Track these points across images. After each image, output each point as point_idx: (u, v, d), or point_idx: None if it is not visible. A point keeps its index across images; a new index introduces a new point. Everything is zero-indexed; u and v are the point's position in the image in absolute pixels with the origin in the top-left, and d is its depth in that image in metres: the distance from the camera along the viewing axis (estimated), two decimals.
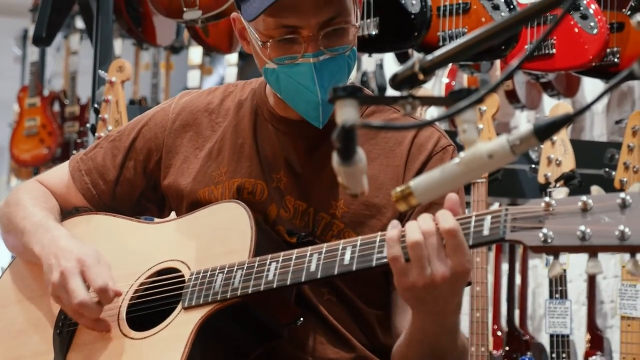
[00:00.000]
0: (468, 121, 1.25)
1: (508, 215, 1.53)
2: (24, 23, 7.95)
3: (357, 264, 1.70)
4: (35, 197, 2.11)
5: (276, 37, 1.86)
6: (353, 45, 1.89)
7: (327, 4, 1.83)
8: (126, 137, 2.10)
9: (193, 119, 2.06)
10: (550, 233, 1.45)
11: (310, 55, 1.85)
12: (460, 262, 1.59)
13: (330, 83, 1.87)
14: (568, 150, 3.07)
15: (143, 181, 2.09)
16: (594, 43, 3.10)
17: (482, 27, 1.23)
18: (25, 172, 7.24)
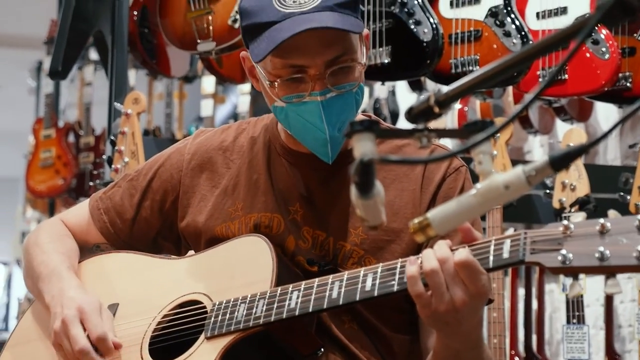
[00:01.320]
0: (484, 152, 1.26)
1: (527, 239, 1.56)
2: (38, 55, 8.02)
3: (378, 289, 1.72)
4: (55, 239, 2.15)
5: (284, 77, 1.88)
6: (360, 82, 1.91)
7: (333, 43, 1.86)
8: (143, 177, 2.14)
9: (208, 158, 2.10)
10: (569, 255, 1.48)
11: (317, 94, 1.87)
12: (477, 287, 1.62)
13: (338, 120, 1.90)
14: (582, 175, 3.08)
15: (159, 221, 2.13)
16: (606, 68, 3.11)
17: (496, 60, 1.24)
18: (41, 203, 7.28)
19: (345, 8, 1.88)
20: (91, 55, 6.16)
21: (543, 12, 3.20)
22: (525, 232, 1.56)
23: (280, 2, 1.86)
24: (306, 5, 1.85)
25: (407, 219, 1.94)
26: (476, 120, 1.25)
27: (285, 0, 1.86)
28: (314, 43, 1.84)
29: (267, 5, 1.87)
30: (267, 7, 1.87)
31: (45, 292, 2.03)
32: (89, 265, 2.14)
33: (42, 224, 2.25)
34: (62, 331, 1.93)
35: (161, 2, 3.42)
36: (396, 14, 3.15)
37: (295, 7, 1.85)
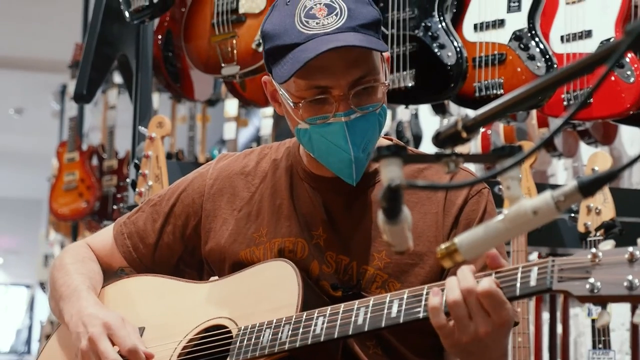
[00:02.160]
0: (512, 178, 1.26)
1: (555, 266, 1.55)
2: (62, 78, 8.08)
3: (404, 316, 1.71)
4: (77, 261, 2.16)
5: (308, 98, 1.88)
6: (383, 103, 1.92)
7: (356, 63, 1.86)
8: (166, 203, 2.15)
9: (230, 182, 2.10)
10: (598, 283, 1.47)
11: (341, 115, 1.87)
12: (500, 317, 1.62)
13: (362, 141, 1.90)
14: (608, 199, 3.06)
15: (181, 246, 2.13)
16: (631, 91, 3.10)
17: (523, 86, 1.24)
18: (64, 226, 7.31)
19: (368, 29, 1.88)
20: (115, 78, 6.20)
21: (567, 36, 3.19)
22: (553, 259, 1.55)
23: (303, 24, 1.87)
24: (329, 27, 1.86)
25: (430, 242, 1.94)
26: (504, 146, 1.24)
27: (309, 22, 1.87)
28: (338, 64, 1.85)
29: (290, 28, 1.88)
30: (290, 30, 1.87)
31: (65, 312, 2.04)
32: (112, 288, 2.15)
33: (67, 247, 2.27)
34: (91, 349, 1.93)
35: (185, 26, 3.43)
36: (420, 37, 3.16)
37: (318, 28, 1.86)
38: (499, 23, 3.16)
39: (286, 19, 1.89)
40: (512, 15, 3.15)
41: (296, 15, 1.88)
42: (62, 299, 2.07)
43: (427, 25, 3.16)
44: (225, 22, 3.28)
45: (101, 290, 2.14)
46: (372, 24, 1.89)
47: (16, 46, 9.22)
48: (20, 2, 8.20)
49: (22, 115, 11.33)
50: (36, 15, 8.41)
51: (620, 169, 1.17)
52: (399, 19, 3.21)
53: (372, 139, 1.92)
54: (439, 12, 3.17)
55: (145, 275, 2.15)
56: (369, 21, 1.89)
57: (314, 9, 1.88)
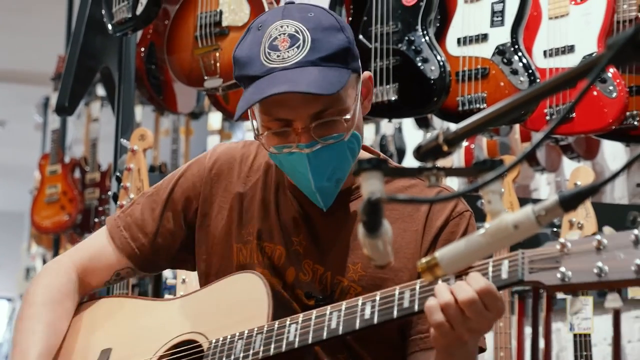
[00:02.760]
0: (493, 192, 1.25)
1: (525, 258, 1.57)
2: (45, 91, 8.05)
3: (378, 317, 1.72)
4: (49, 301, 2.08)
5: (272, 129, 1.88)
6: (349, 131, 1.89)
7: (315, 98, 1.84)
8: (164, 191, 2.11)
9: (228, 168, 2.07)
10: (568, 272, 1.49)
11: (303, 146, 1.87)
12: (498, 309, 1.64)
13: (326, 171, 1.89)
14: (590, 214, 3.06)
15: (183, 231, 2.08)
16: (613, 106, 3.10)
17: (505, 100, 1.24)
18: (46, 239, 7.27)
19: (331, 61, 1.86)
20: (98, 91, 6.19)
21: (550, 50, 3.20)
22: (523, 251, 1.57)
23: (266, 55, 1.85)
24: (289, 61, 1.84)
25: (407, 258, 1.94)
26: (485, 159, 1.24)
27: (270, 55, 1.85)
28: (295, 98, 1.83)
29: (255, 58, 1.87)
30: (254, 60, 1.86)
31: None
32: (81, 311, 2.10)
33: (46, 271, 2.15)
34: None
35: (168, 39, 3.42)
36: (403, 51, 3.16)
37: (278, 61, 1.84)
38: (482, 37, 3.17)
39: (254, 47, 1.88)
40: (495, 29, 3.16)
41: (262, 44, 1.87)
42: (16, 344, 2.01)
43: (411, 39, 3.17)
44: (208, 34, 3.27)
45: None
46: (336, 54, 1.87)
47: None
48: (2, 14, 8.18)
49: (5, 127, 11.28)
50: (19, 27, 8.39)
51: (602, 184, 1.17)
52: (382, 33, 3.21)
53: (341, 167, 1.91)
54: (423, 26, 3.18)
55: (110, 297, 2.14)
56: (333, 52, 1.86)
57: (277, 39, 1.86)
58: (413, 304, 1.69)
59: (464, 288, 1.62)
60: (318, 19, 1.89)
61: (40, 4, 7.88)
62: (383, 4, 3.23)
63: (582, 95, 1.07)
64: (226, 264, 2.02)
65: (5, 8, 8.05)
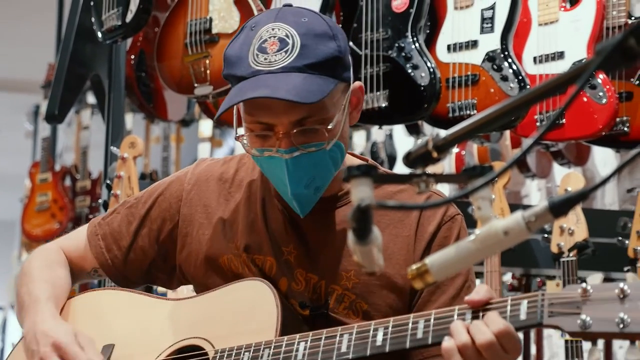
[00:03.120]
0: (483, 198, 1.25)
1: (545, 301, 1.54)
2: (36, 99, 8.03)
3: (390, 345, 1.69)
4: (44, 266, 2.11)
5: (255, 132, 1.88)
6: (335, 140, 1.88)
7: (297, 105, 1.83)
8: (142, 205, 2.11)
9: (207, 187, 2.07)
10: (589, 320, 1.47)
11: (283, 152, 1.86)
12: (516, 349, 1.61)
13: (304, 177, 1.88)
14: (580, 220, 3.07)
15: (155, 250, 2.10)
16: (603, 112, 3.11)
17: (495, 105, 1.24)
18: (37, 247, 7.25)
19: (317, 69, 1.85)
20: (88, 99, 6.18)
21: (540, 57, 3.21)
22: (543, 293, 1.54)
23: (254, 57, 1.85)
24: (275, 64, 1.84)
25: (399, 265, 1.93)
26: (475, 165, 1.24)
27: (258, 56, 1.85)
28: (278, 103, 1.82)
29: (244, 58, 1.87)
30: (243, 60, 1.86)
31: (24, 323, 2.01)
32: (82, 300, 2.09)
33: (37, 249, 2.21)
34: None
35: (159, 46, 3.42)
36: (394, 58, 3.17)
37: (264, 65, 1.84)
38: (472, 44, 3.18)
39: (244, 47, 1.88)
40: (485, 36, 3.17)
41: (252, 45, 1.86)
42: (23, 308, 2.04)
43: (401, 46, 3.17)
44: (198, 42, 3.27)
45: (71, 300, 2.09)
46: (324, 62, 1.85)
47: None
48: None
49: None
50: (8, 35, 8.37)
51: (591, 189, 1.17)
52: (372, 40, 3.21)
53: (321, 175, 1.90)
54: (413, 33, 3.18)
55: (116, 289, 2.11)
56: (321, 59, 1.85)
57: (267, 42, 1.86)
58: (427, 336, 1.66)
59: (482, 330, 1.60)
60: (311, 24, 1.88)
61: (30, 13, 7.86)
62: (373, 10, 3.24)
63: (571, 101, 1.07)
64: (217, 275, 2.01)
65: None
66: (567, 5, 3.25)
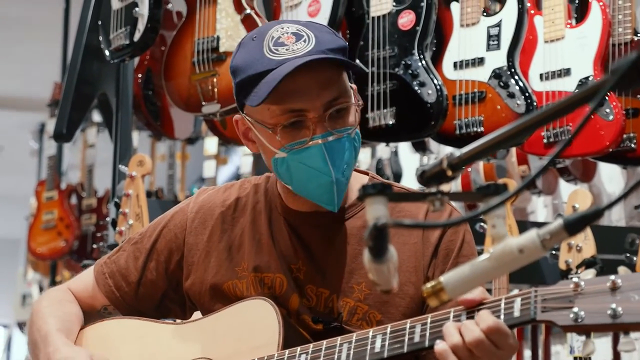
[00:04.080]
0: (498, 216, 1.26)
1: (538, 297, 1.56)
2: (41, 117, 8.06)
3: (388, 351, 1.71)
4: (53, 303, 2.14)
5: (283, 123, 1.89)
6: (356, 127, 1.93)
7: (329, 84, 1.87)
8: (147, 239, 2.13)
9: (210, 215, 2.09)
10: (582, 312, 1.48)
11: (319, 137, 1.88)
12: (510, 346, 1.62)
13: (341, 163, 1.90)
14: (588, 236, 3.06)
15: (165, 282, 2.11)
16: (610, 129, 3.12)
17: (508, 125, 1.24)
18: (43, 265, 7.25)
19: (337, 53, 1.90)
20: (94, 117, 6.19)
21: (547, 74, 3.22)
22: (536, 289, 1.56)
23: (273, 52, 1.88)
24: (299, 52, 1.87)
25: (409, 272, 1.95)
26: (489, 184, 1.25)
27: (278, 50, 1.88)
28: (311, 85, 1.86)
29: (260, 57, 1.89)
30: (260, 59, 1.88)
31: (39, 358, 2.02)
32: (91, 331, 2.11)
33: (46, 292, 2.25)
34: None
35: (166, 65, 3.43)
36: (400, 75, 3.18)
37: (288, 53, 1.87)
38: (478, 61, 3.19)
39: (255, 51, 1.90)
40: (491, 53, 3.18)
41: (264, 46, 1.89)
42: (35, 346, 2.05)
43: (407, 64, 3.18)
44: (205, 60, 3.28)
45: (79, 332, 2.11)
46: (339, 49, 1.91)
47: None
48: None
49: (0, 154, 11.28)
50: (14, 54, 8.40)
51: (606, 207, 1.17)
52: (379, 57, 3.23)
53: (350, 163, 1.92)
54: (419, 51, 3.19)
55: (123, 318, 2.13)
56: (337, 47, 1.91)
57: (281, 37, 1.89)
58: (424, 339, 1.68)
59: (471, 328, 1.62)
60: (313, 24, 1.95)
61: (36, 32, 7.89)
62: (379, 28, 3.25)
63: (586, 121, 1.08)
64: (222, 302, 2.02)
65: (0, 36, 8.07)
66: (573, 22, 3.26)
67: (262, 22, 3.27)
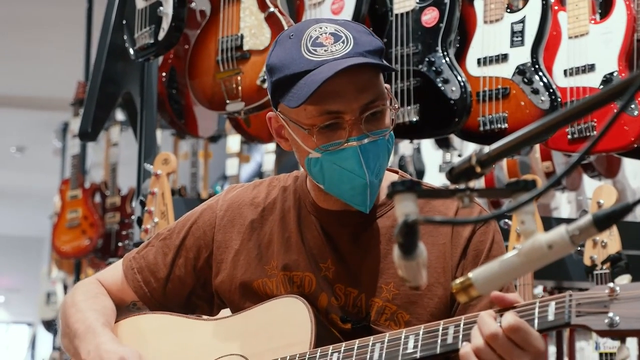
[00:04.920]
0: (527, 212, 1.26)
1: (572, 301, 1.55)
2: (64, 116, 8.10)
3: (421, 351, 1.70)
4: (90, 297, 2.15)
5: (319, 124, 1.89)
6: (391, 129, 1.93)
7: (366, 88, 1.88)
8: (176, 236, 2.14)
9: (239, 213, 2.10)
10: (617, 318, 1.47)
11: (355, 139, 1.88)
12: (534, 347, 1.59)
13: (375, 166, 1.90)
14: (613, 232, 3.06)
15: (193, 279, 2.12)
16: (635, 124, 3.10)
17: (536, 122, 1.25)
18: (67, 263, 7.30)
19: (374, 55, 1.90)
20: (117, 116, 6.22)
21: (571, 70, 3.21)
22: (571, 294, 1.55)
23: (311, 52, 1.88)
24: (338, 53, 1.87)
25: (438, 273, 1.94)
26: (518, 180, 1.25)
27: (317, 50, 1.88)
28: (348, 88, 1.86)
29: (298, 57, 1.88)
30: (298, 59, 1.88)
31: (81, 349, 2.03)
32: (123, 326, 2.13)
33: (78, 284, 2.25)
34: None
35: (190, 64, 3.45)
36: (424, 72, 3.17)
37: (327, 55, 1.87)
38: (502, 57, 3.18)
39: (292, 50, 1.90)
40: (515, 49, 3.17)
41: (302, 46, 1.89)
42: (76, 337, 2.06)
43: (431, 60, 3.18)
44: (229, 59, 3.29)
45: (115, 325, 2.13)
46: (377, 51, 1.91)
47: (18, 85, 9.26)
48: (21, 42, 8.24)
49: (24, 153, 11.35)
50: (38, 54, 8.45)
51: (636, 203, 1.17)
52: (402, 55, 3.23)
53: (383, 165, 1.94)
54: (443, 47, 3.19)
55: (156, 313, 2.13)
56: (374, 48, 1.91)
57: (320, 38, 1.89)
58: (457, 341, 1.67)
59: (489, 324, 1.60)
60: (350, 24, 1.95)
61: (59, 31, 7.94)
62: (403, 25, 3.25)
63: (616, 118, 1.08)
64: (252, 300, 2.03)
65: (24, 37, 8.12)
66: (597, 17, 3.25)
67: (286, 20, 3.28)
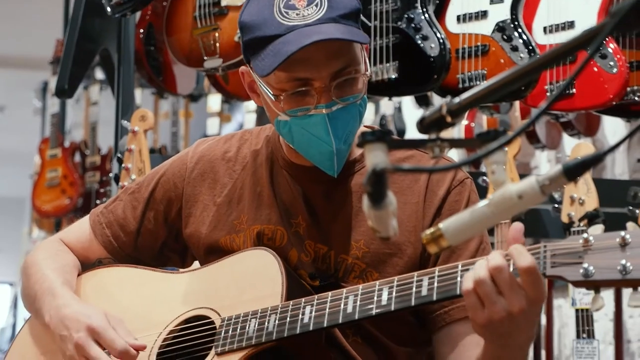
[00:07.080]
0: (497, 162, 1.25)
1: (547, 252, 1.54)
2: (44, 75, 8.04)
3: (395, 303, 1.70)
4: (49, 256, 2.12)
5: (288, 90, 1.87)
6: (363, 94, 1.91)
7: (338, 55, 1.85)
8: (145, 189, 2.12)
9: (211, 167, 2.08)
10: (591, 268, 1.48)
11: (323, 107, 1.86)
12: (538, 292, 1.54)
13: (344, 132, 1.88)
14: (591, 189, 3.07)
15: (164, 231, 2.11)
16: (614, 82, 3.10)
17: (507, 70, 1.24)
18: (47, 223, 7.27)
19: (348, 19, 1.87)
20: (97, 74, 6.18)
21: (550, 27, 3.19)
22: (545, 245, 1.55)
23: (283, 15, 1.85)
24: (310, 18, 1.84)
25: (408, 232, 1.93)
26: (489, 130, 1.24)
27: (288, 13, 1.85)
28: (319, 55, 1.83)
29: (270, 19, 1.86)
30: (269, 21, 1.86)
31: (43, 311, 2.00)
32: (88, 279, 2.11)
33: (39, 244, 2.22)
34: (80, 354, 1.89)
35: (167, 20, 3.42)
36: (403, 29, 3.15)
37: (298, 19, 1.84)
38: (481, 14, 3.16)
39: (264, 9, 1.87)
40: (494, 6, 3.15)
41: (275, 6, 1.86)
42: (36, 299, 2.03)
43: (410, 17, 3.16)
44: (207, 14, 3.27)
45: (78, 279, 2.10)
46: (352, 13, 1.88)
47: None
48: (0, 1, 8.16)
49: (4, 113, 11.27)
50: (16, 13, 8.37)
51: (605, 153, 1.17)
52: (381, 11, 3.20)
53: (353, 130, 1.91)
54: (422, 4, 3.17)
55: (120, 266, 2.11)
56: (349, 11, 1.87)
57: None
58: (432, 293, 1.66)
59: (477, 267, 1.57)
60: None
61: None
62: None
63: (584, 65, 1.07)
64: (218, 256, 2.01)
65: None
66: None
67: None
